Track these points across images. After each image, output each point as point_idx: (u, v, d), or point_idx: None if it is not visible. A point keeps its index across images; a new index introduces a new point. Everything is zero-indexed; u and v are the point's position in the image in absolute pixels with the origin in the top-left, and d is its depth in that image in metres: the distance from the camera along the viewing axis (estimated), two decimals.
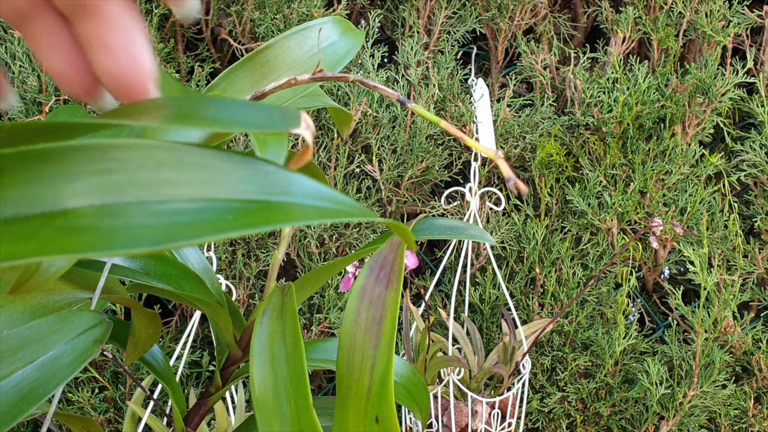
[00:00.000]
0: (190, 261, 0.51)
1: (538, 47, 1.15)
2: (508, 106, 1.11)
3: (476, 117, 1.02)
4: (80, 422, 0.49)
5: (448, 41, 1.13)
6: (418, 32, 1.13)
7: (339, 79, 0.40)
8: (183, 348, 0.90)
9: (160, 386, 0.89)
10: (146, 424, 0.80)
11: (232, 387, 0.90)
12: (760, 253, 1.10)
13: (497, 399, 0.94)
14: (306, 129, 0.25)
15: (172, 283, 0.44)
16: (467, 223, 0.46)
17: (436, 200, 1.12)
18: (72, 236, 0.20)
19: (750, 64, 1.12)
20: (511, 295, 1.07)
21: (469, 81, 1.06)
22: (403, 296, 0.94)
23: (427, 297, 0.95)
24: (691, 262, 1.03)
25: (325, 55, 0.48)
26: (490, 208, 1.07)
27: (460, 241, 1.02)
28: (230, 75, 0.48)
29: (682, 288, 1.06)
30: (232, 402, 0.88)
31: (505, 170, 0.34)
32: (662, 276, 1.13)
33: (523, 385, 0.97)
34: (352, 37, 0.50)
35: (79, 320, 0.38)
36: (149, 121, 0.25)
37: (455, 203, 1.04)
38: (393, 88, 1.08)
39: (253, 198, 0.23)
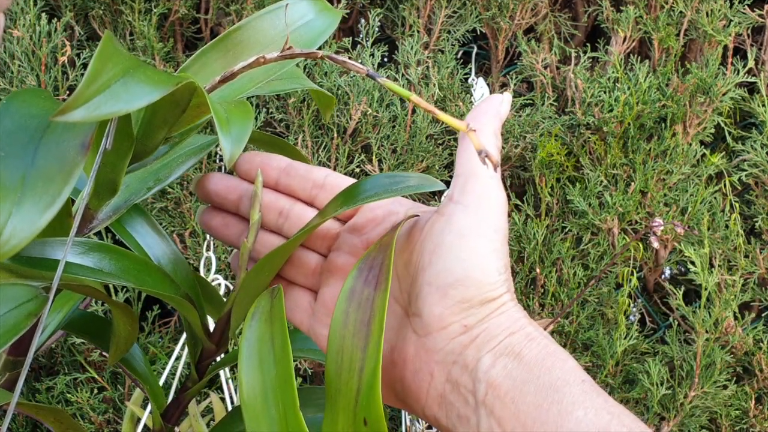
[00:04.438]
0: (155, 254, 0.50)
1: (538, 46, 1.15)
2: None
3: None
4: (51, 413, 0.48)
5: (448, 40, 1.13)
6: (418, 31, 1.13)
7: (307, 56, 0.40)
8: (182, 348, 0.90)
9: None
10: (145, 425, 0.80)
11: (232, 387, 0.89)
12: (761, 253, 1.10)
13: None
14: None
15: (131, 278, 0.42)
16: (409, 173, 0.45)
17: (436, 200, 1.11)
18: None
19: (751, 63, 1.11)
20: None
21: (470, 80, 1.06)
22: None
23: None
24: (692, 263, 1.02)
25: (300, 34, 0.47)
26: None
27: None
28: (202, 57, 0.46)
29: (683, 288, 1.06)
30: (231, 402, 0.88)
31: (476, 143, 0.34)
32: (663, 276, 1.13)
33: None
34: (328, 15, 0.49)
35: (12, 294, 0.37)
36: None
37: None
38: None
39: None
